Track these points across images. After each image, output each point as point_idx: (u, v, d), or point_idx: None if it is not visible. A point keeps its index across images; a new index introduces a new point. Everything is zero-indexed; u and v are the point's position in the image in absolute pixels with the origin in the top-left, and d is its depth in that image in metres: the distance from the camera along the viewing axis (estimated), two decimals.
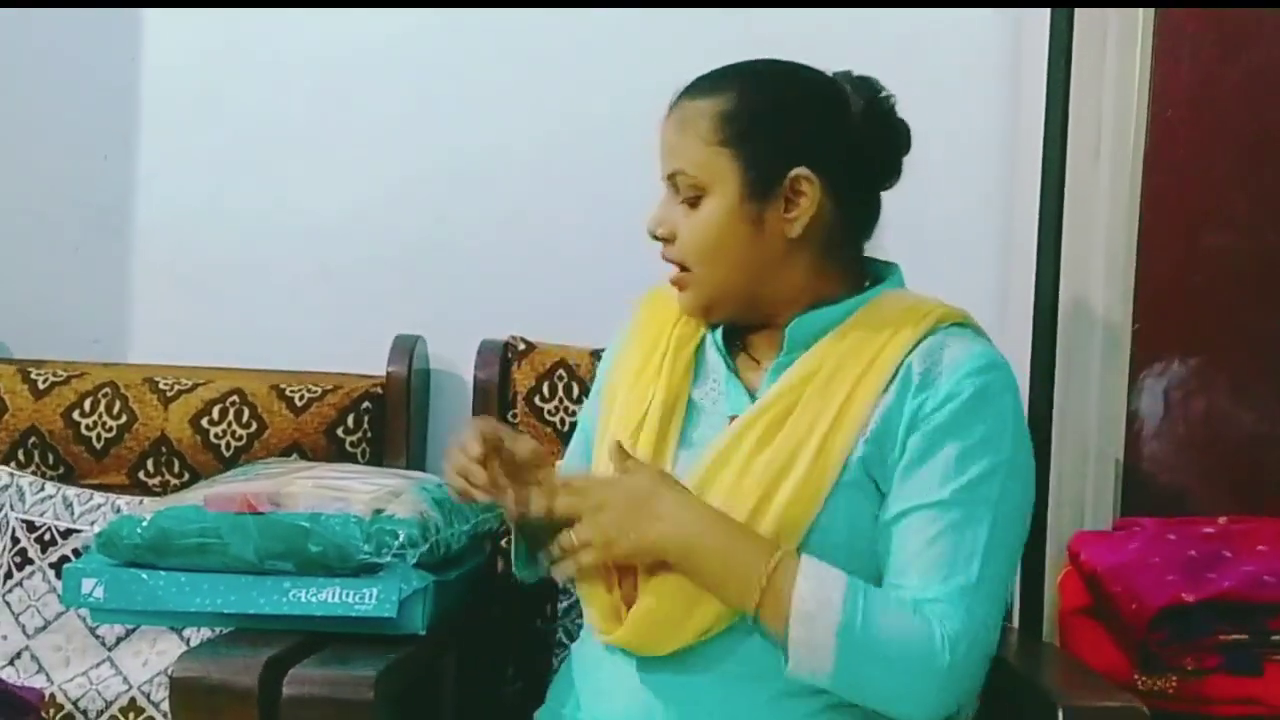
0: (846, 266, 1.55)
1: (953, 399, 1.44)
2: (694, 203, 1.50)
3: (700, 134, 1.49)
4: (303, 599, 1.56)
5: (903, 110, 1.56)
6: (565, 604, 1.98)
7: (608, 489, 1.44)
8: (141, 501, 1.98)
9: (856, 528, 1.44)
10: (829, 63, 1.55)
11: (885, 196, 1.57)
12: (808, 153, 1.48)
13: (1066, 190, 2.02)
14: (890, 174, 1.57)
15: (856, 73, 1.54)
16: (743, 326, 1.57)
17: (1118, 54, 2.03)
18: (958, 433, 1.43)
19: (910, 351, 1.47)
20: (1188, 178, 2.04)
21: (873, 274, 1.58)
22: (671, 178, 1.52)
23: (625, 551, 1.41)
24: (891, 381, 1.46)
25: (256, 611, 1.57)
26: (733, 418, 1.50)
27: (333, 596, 1.56)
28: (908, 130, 1.56)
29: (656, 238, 1.54)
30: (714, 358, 1.56)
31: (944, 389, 1.44)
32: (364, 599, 1.55)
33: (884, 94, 1.54)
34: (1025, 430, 1.49)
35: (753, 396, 1.52)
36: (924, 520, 1.41)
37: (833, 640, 1.35)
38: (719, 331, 1.57)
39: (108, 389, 2.11)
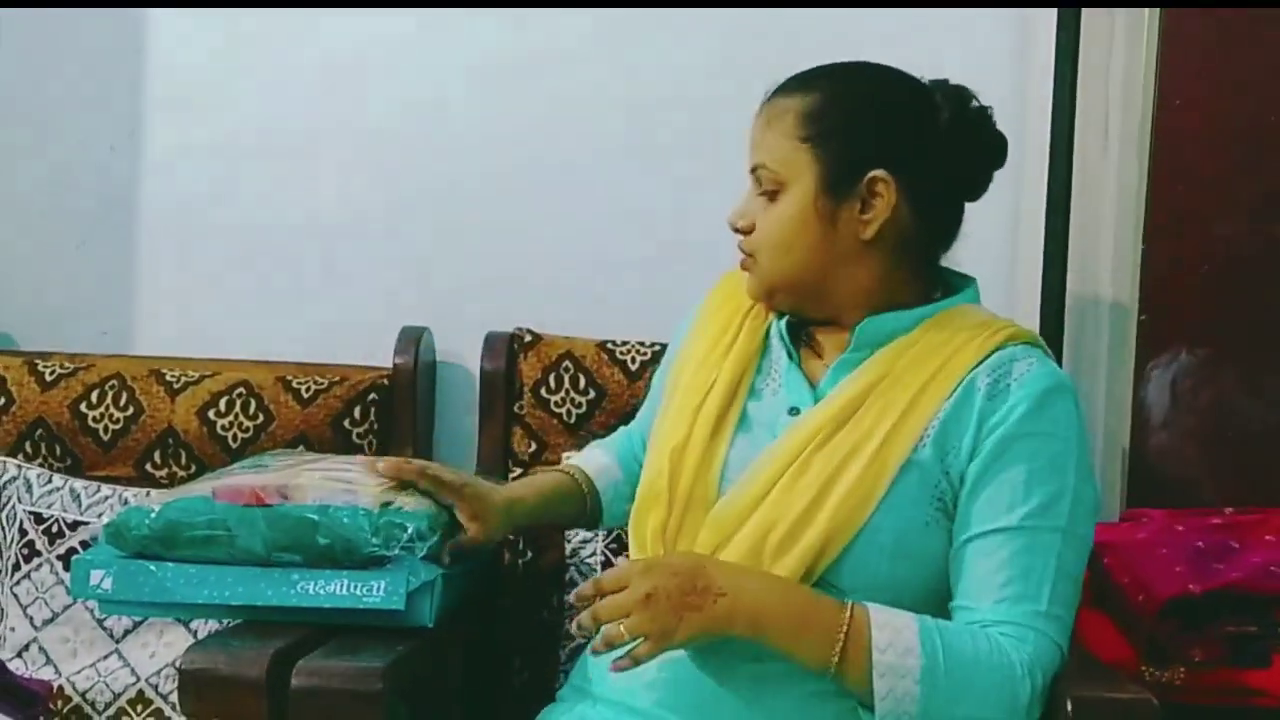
0: (920, 274, 1.55)
1: (1021, 415, 1.44)
2: (773, 196, 1.52)
3: (784, 129, 1.51)
4: (311, 591, 1.56)
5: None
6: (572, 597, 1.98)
7: (651, 576, 1.38)
8: (149, 493, 1.98)
9: (904, 532, 1.44)
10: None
11: None
12: (888, 156, 1.48)
13: (1074, 181, 2.02)
14: (976, 187, 1.57)
15: (953, 81, 1.54)
16: (809, 320, 1.58)
17: (1125, 45, 2.04)
18: (1026, 453, 1.44)
19: (977, 365, 1.47)
20: (1195, 169, 2.04)
21: (946, 284, 1.58)
22: (755, 171, 1.54)
23: (687, 635, 1.37)
24: (955, 391, 1.46)
25: (265, 604, 1.56)
26: (793, 409, 1.51)
27: (341, 589, 1.55)
28: (1002, 143, 1.56)
29: (737, 229, 1.56)
30: (777, 347, 1.57)
31: (1011, 403, 1.45)
32: (372, 591, 1.55)
33: (975, 105, 1.54)
34: (1089, 454, 1.50)
35: (813, 388, 1.53)
36: (994, 545, 1.42)
37: (917, 688, 1.35)
38: (784, 321, 1.58)
39: (114, 381, 2.11)
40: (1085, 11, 2.02)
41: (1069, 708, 1.39)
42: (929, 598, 1.45)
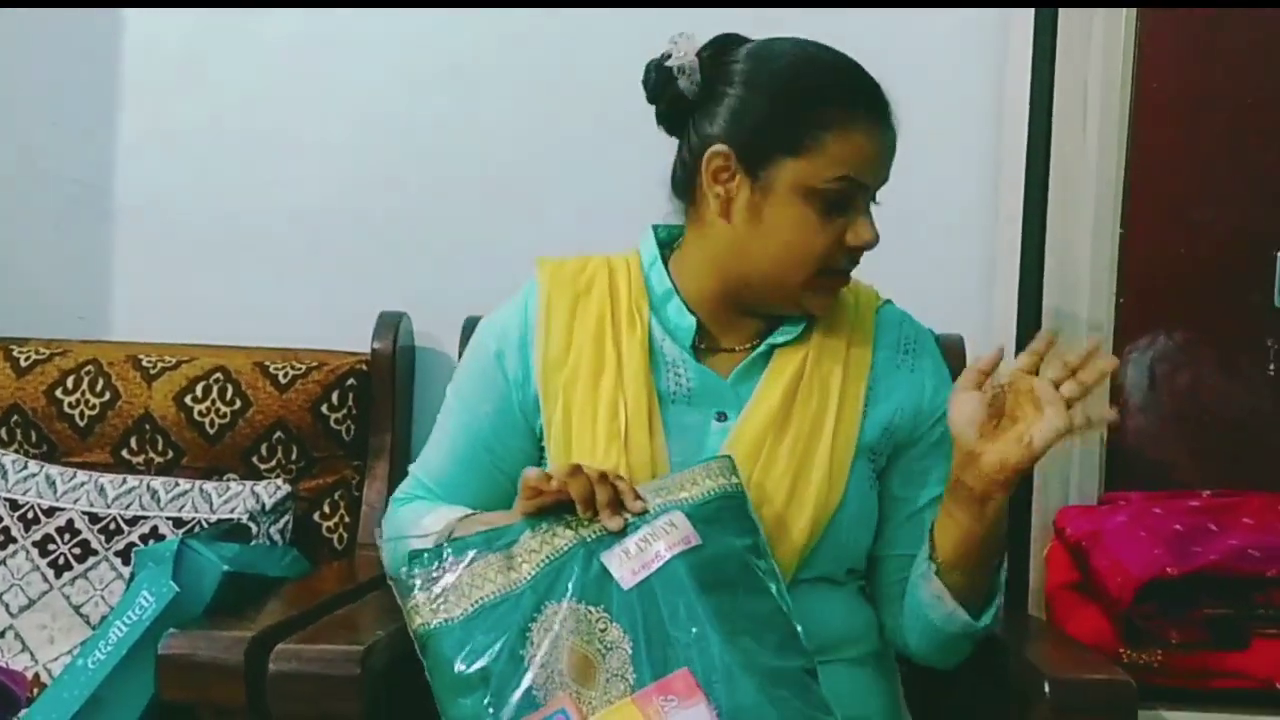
0: None
1: (939, 376, 1.56)
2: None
3: None
4: None
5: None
6: None
7: None
8: (125, 480, 1.97)
9: (861, 505, 1.50)
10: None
11: None
12: None
13: (1052, 165, 2.03)
14: None
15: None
16: (698, 311, 1.54)
17: (1103, 28, 2.04)
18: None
19: (875, 327, 1.56)
20: (1173, 152, 2.05)
21: None
22: (876, 186, 1.51)
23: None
24: (873, 368, 1.53)
25: None
26: (720, 414, 1.50)
27: None
28: None
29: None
30: (671, 348, 1.53)
31: (928, 365, 1.57)
32: None
33: None
34: None
35: (725, 383, 1.51)
36: None
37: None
38: (670, 313, 1.54)
39: (90, 367, 2.10)
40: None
41: (1047, 690, 1.40)
42: (865, 554, 1.54)
